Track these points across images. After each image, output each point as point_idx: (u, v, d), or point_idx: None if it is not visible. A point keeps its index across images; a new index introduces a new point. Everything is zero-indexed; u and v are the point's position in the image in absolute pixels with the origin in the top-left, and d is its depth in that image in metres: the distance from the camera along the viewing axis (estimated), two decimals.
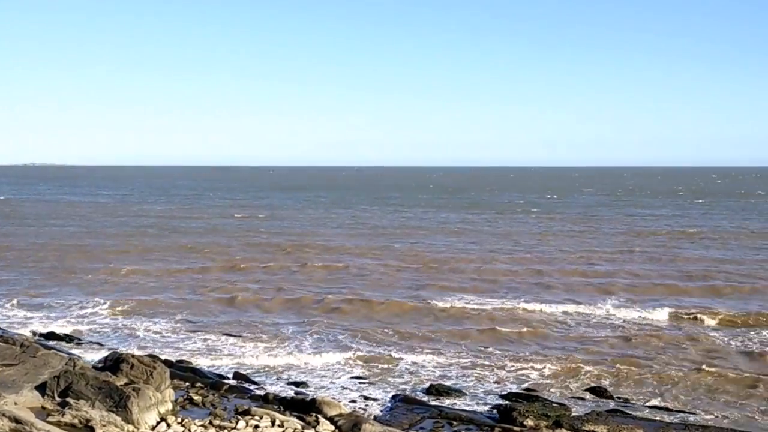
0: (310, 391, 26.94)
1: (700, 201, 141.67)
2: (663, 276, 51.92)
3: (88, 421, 20.12)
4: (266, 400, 24.58)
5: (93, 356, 29.60)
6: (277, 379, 28.76)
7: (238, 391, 25.87)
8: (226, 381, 27.24)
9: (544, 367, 30.29)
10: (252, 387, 26.96)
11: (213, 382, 26.66)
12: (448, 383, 28.10)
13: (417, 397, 26.07)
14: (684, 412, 25.22)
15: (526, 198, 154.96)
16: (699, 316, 39.40)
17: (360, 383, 28.32)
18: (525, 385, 28.09)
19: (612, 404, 25.83)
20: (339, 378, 28.98)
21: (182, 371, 27.58)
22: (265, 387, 27.13)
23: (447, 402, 25.83)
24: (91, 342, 33.86)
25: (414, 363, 30.92)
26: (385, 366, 30.46)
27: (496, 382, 28.58)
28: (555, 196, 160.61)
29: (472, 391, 27.48)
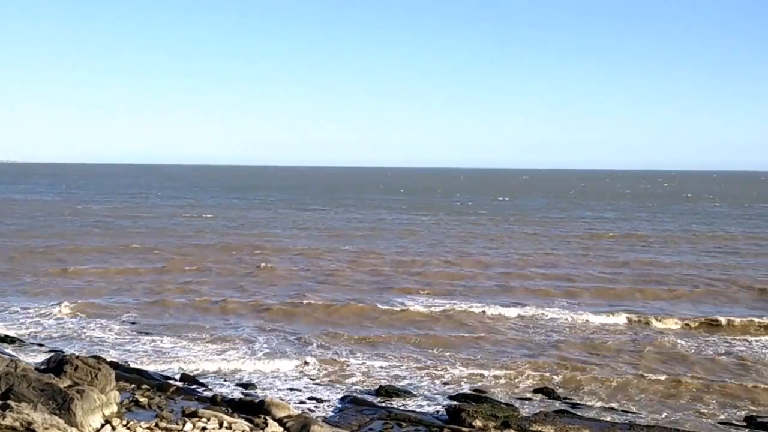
0: (259, 392, 26.89)
1: (650, 204, 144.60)
2: (616, 280, 52.75)
3: (29, 424, 19.77)
4: (214, 402, 24.45)
5: (36, 358, 29.06)
6: (226, 380, 28.62)
7: (185, 393, 25.68)
8: (173, 382, 27.01)
9: (495, 369, 30.66)
10: (200, 389, 26.78)
11: (160, 383, 26.42)
12: (398, 385, 28.29)
13: (366, 399, 26.21)
14: (631, 412, 25.78)
15: (477, 200, 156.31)
16: (653, 319, 40.05)
17: (309, 385, 28.35)
18: (475, 386, 28.44)
19: (560, 405, 26.30)
20: (288, 379, 28.97)
21: (128, 373, 27.28)
22: (212, 389, 26.98)
23: (396, 403, 26.01)
24: (33, 344, 33.23)
25: (365, 365, 31.03)
26: (336, 368, 30.53)
27: (446, 383, 28.88)
28: (506, 199, 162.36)
29: (422, 392, 27.71)
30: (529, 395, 27.62)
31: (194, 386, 27.10)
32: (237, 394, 26.39)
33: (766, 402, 27.23)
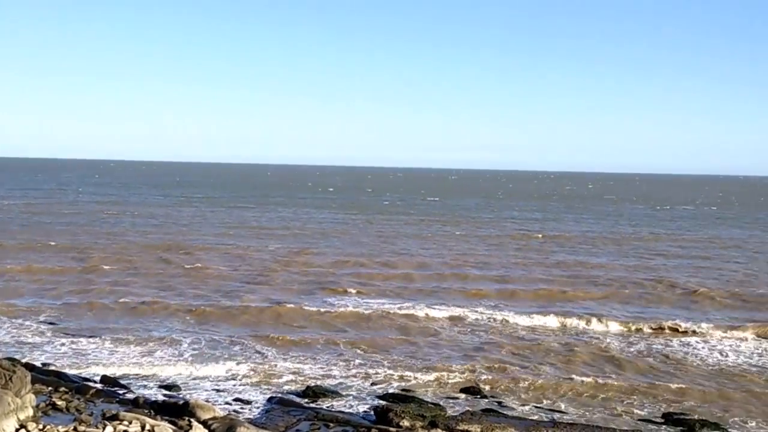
0: (183, 394, 26.47)
1: (576, 206, 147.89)
2: (548, 280, 53.64)
3: None
4: (136, 404, 23.99)
5: None
6: (149, 383, 28.09)
7: (105, 396, 25.12)
8: (92, 385, 26.35)
9: (424, 369, 30.93)
10: (121, 391, 26.24)
11: (78, 386, 25.76)
12: (327, 385, 28.26)
13: (294, 400, 26.11)
14: (555, 411, 26.36)
15: (407, 200, 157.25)
16: (583, 320, 40.75)
17: (236, 386, 28.09)
18: (403, 387, 28.61)
19: (486, 404, 26.69)
20: (215, 381, 28.62)
21: (45, 375, 26.51)
22: (135, 391, 26.45)
23: (324, 404, 26.00)
24: None
25: (294, 366, 30.92)
26: (264, 369, 30.29)
27: (375, 383, 28.97)
28: (436, 199, 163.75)
29: (350, 392, 27.77)
30: (456, 395, 27.95)
31: (115, 388, 26.53)
32: (161, 396, 25.94)
33: (688, 400, 28.10)
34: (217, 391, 27.38)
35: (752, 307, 45.82)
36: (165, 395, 26.18)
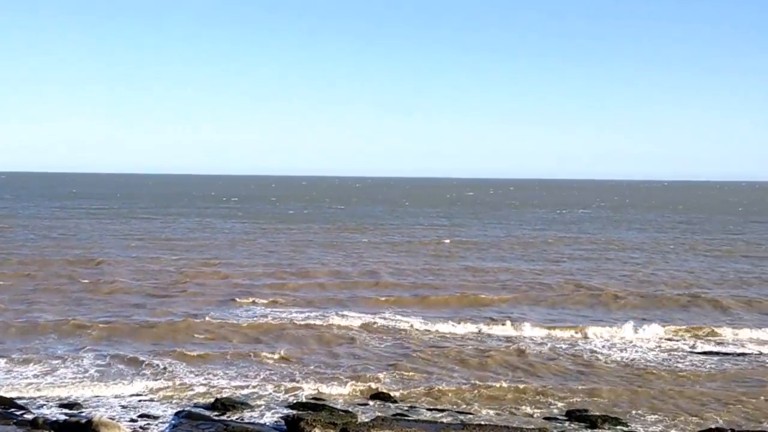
0: (87, 412, 25.79)
1: (481, 212, 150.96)
2: (464, 286, 54.21)
3: None
4: (35, 425, 23.26)
5: None
6: (49, 402, 27.21)
7: (1, 418, 24.20)
8: None
9: (335, 377, 31.10)
10: (18, 412, 25.34)
11: None
12: (237, 397, 28.06)
13: (203, 413, 25.83)
14: (465, 413, 26.95)
15: (313, 208, 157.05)
16: (499, 324, 41.23)
17: (143, 401, 27.56)
18: (314, 395, 28.69)
19: (397, 409, 27.07)
20: (120, 398, 27.98)
21: None
22: (33, 411, 25.59)
23: (234, 416, 25.84)
24: None
25: (204, 379, 30.55)
26: (172, 383, 29.80)
27: (286, 392, 28.95)
28: (342, 207, 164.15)
29: (260, 403, 27.68)
30: (368, 401, 28.24)
31: (12, 410, 25.59)
32: (62, 416, 25.18)
33: (596, 398, 29.02)
34: (123, 407, 26.79)
35: (655, 306, 48.00)
36: (66, 414, 25.44)
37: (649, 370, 33.31)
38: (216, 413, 26.09)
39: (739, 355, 35.97)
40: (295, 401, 27.75)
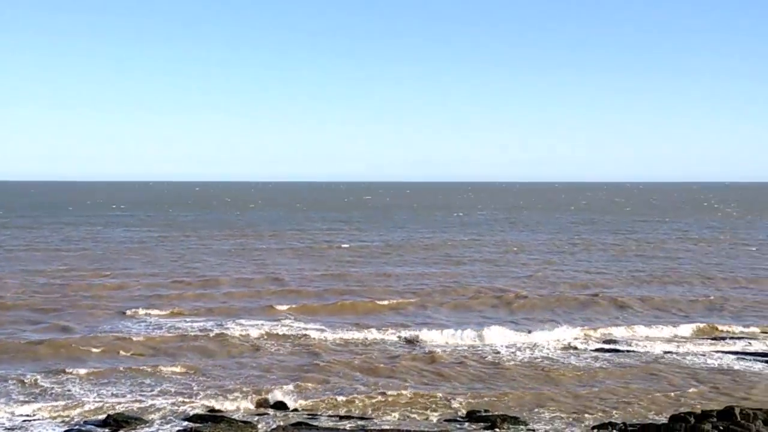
0: None
1: (377, 216, 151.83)
2: (362, 291, 54.16)
3: None
4: None
5: None
6: None
7: None
8: None
9: (233, 387, 30.71)
10: None
11: None
12: (129, 412, 27.30)
13: (92, 430, 25.04)
14: (367, 418, 27.08)
15: (205, 214, 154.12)
16: (408, 331, 41.10)
17: (29, 421, 26.44)
18: (212, 406, 28.17)
19: (298, 417, 26.93)
20: (4, 419, 26.73)
21: None
22: None
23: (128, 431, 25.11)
24: None
25: (93, 396, 29.57)
26: (60, 402, 28.67)
27: (184, 404, 28.32)
28: (238, 213, 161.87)
29: (155, 417, 27.08)
30: (268, 411, 28.02)
31: None
32: None
33: (502, 400, 29.62)
34: (8, 429, 25.60)
35: (556, 306, 49.45)
36: None
37: (549, 369, 34.32)
38: (108, 430, 25.32)
39: (632, 352, 37.54)
40: (192, 413, 27.19)
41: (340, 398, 29.61)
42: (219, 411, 27.57)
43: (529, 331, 41.18)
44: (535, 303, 50.26)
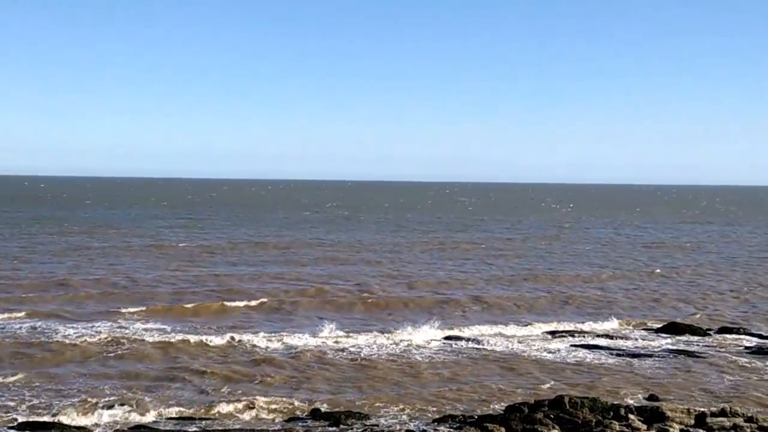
0: None
1: (233, 214, 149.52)
2: (214, 293, 52.99)
3: None
4: None
5: None
6: None
7: None
8: None
9: (71, 393, 29.77)
10: None
11: None
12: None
13: None
14: (211, 419, 27.17)
15: (33, 210, 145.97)
16: (252, 334, 40.61)
17: None
18: (45, 415, 27.19)
19: (139, 420, 26.74)
20: None
21: None
22: None
23: None
24: None
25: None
26: None
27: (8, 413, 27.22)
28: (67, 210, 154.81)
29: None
30: (103, 413, 27.31)
31: None
32: None
33: (362, 398, 30.12)
34: None
35: (415, 305, 50.41)
36: None
37: (409, 365, 35.23)
38: None
39: (488, 349, 38.89)
40: (22, 421, 26.17)
41: (187, 401, 29.24)
42: (53, 416, 26.79)
43: (391, 331, 41.99)
44: (392, 301, 51.25)
